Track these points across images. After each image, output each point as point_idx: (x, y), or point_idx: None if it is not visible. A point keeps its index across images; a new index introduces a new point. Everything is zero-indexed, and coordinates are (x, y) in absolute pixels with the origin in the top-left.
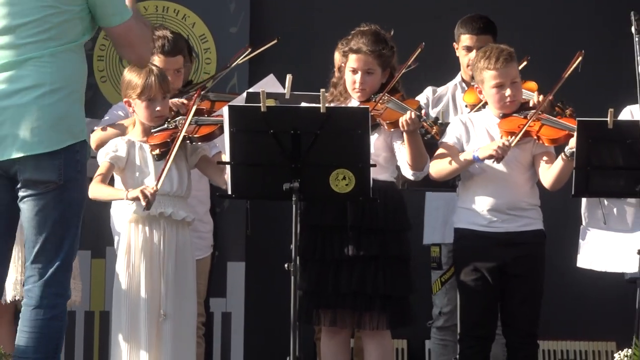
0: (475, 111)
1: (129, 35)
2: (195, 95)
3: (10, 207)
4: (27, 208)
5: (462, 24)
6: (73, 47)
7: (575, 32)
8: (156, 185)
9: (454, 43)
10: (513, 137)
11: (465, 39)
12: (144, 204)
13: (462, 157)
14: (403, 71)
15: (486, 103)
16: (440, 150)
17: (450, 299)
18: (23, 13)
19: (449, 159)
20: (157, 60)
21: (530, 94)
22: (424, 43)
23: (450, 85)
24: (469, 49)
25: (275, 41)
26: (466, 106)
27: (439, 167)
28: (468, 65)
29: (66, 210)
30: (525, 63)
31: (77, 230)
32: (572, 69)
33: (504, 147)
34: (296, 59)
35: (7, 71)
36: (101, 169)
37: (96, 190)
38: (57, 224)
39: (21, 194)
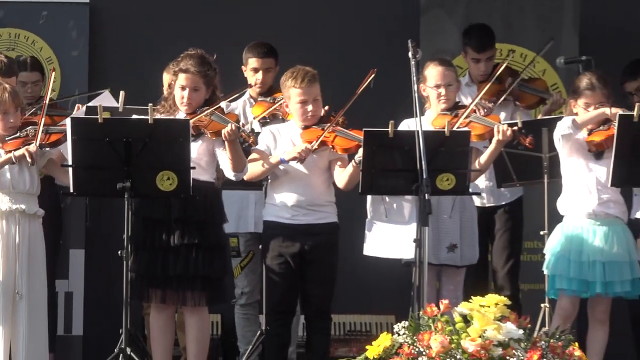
0: (267, 121)
1: None
2: (42, 110)
3: None
4: None
5: (248, 49)
6: None
7: (368, 53)
8: (35, 151)
9: (242, 66)
10: (313, 143)
11: (252, 62)
12: (29, 160)
13: (272, 159)
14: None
15: (274, 114)
16: (253, 155)
17: (249, 281)
18: None
19: (261, 162)
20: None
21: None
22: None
23: (240, 101)
24: (256, 70)
25: (106, 90)
26: (254, 118)
27: (252, 169)
28: (255, 83)
29: None
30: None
31: None
32: (364, 85)
33: (306, 150)
34: (128, 78)
35: None
36: None
37: None
38: None
39: None
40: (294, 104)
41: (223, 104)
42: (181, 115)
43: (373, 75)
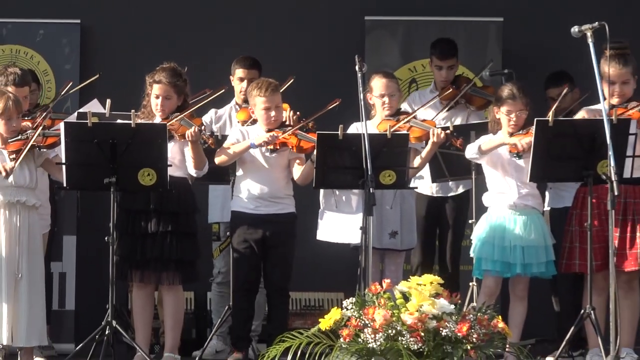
0: (248, 125)
1: None
2: (39, 116)
3: None
4: None
5: (237, 62)
6: None
7: (323, 67)
8: (11, 168)
9: (230, 76)
10: (280, 132)
11: (239, 72)
12: (4, 174)
13: (243, 144)
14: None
15: (255, 120)
16: (225, 144)
17: (226, 262)
18: None
19: (231, 149)
20: (11, 89)
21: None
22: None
23: (227, 107)
24: (242, 80)
25: (96, 76)
26: (238, 122)
27: (222, 155)
28: (241, 91)
29: None
30: (291, 81)
31: None
32: (329, 108)
33: (272, 137)
34: (114, 87)
35: None
36: None
37: None
38: None
39: None
40: (259, 110)
41: (212, 111)
42: (158, 120)
43: (337, 103)
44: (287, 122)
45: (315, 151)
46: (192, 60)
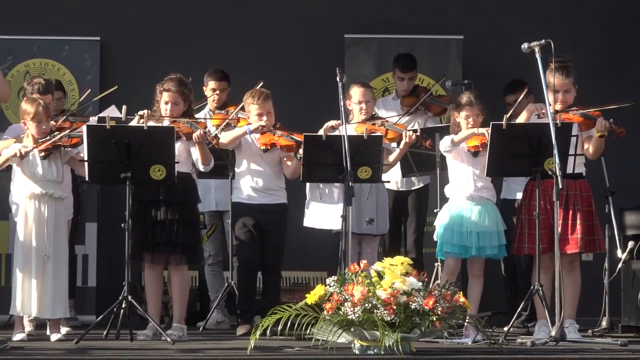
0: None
1: None
2: (59, 118)
3: None
4: None
5: (208, 74)
6: None
7: (307, 78)
8: (26, 152)
9: (203, 87)
10: (277, 131)
11: (211, 84)
12: (19, 154)
13: (240, 129)
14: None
15: (227, 124)
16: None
17: (214, 246)
18: None
19: (231, 133)
20: (36, 96)
21: None
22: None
23: (201, 113)
24: (213, 90)
25: (115, 87)
26: (213, 126)
27: (227, 137)
28: (213, 100)
29: None
30: (261, 83)
31: None
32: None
33: (266, 125)
34: (129, 95)
35: None
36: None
37: None
38: None
39: None
40: (253, 116)
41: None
42: (166, 123)
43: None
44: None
45: (300, 149)
46: (195, 72)
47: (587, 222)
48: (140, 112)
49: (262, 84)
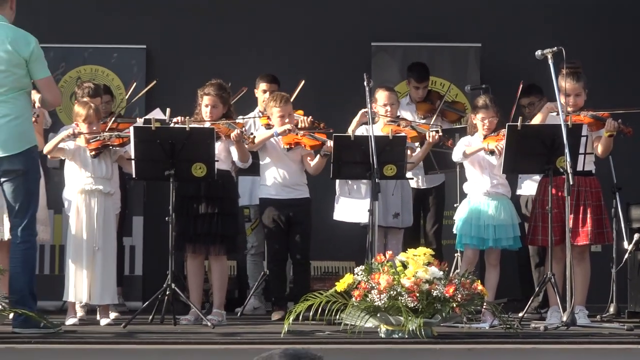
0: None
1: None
2: (109, 120)
3: None
4: (6, 187)
5: (260, 77)
6: (23, 92)
7: (338, 82)
8: (79, 132)
9: (255, 89)
10: (299, 131)
11: (263, 86)
12: (72, 133)
13: (268, 131)
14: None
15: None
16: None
17: (257, 238)
18: None
19: (257, 137)
20: (86, 100)
21: (297, 116)
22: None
23: (252, 114)
24: (264, 92)
25: (154, 82)
26: (262, 125)
27: (256, 140)
28: (263, 101)
29: (29, 187)
30: (302, 83)
31: (36, 197)
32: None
33: (291, 128)
34: (172, 98)
35: None
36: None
37: (48, 144)
38: (25, 196)
39: (2, 179)
40: (275, 117)
41: (239, 118)
42: (207, 124)
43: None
44: (302, 125)
45: (323, 147)
46: (234, 77)
47: (596, 216)
48: (177, 118)
49: (303, 82)
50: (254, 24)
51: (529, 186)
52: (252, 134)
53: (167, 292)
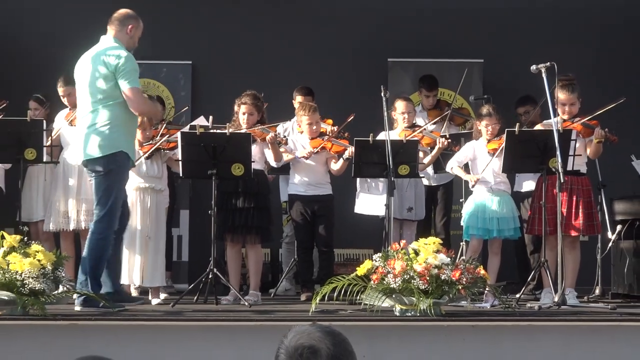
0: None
1: (132, 96)
2: (160, 127)
3: None
4: (92, 184)
5: (297, 90)
6: (117, 103)
7: (358, 94)
8: (142, 156)
9: (292, 100)
10: (314, 149)
11: (299, 98)
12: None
13: (290, 155)
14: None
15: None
16: (286, 151)
17: (292, 228)
18: (91, 91)
19: (287, 155)
20: None
21: (326, 125)
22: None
23: (290, 122)
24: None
25: (185, 108)
26: (298, 131)
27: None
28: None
29: (108, 186)
30: (352, 117)
31: (115, 196)
32: (348, 121)
33: (309, 153)
34: (214, 107)
35: (87, 114)
36: None
37: None
38: (103, 192)
39: (89, 177)
40: (304, 125)
41: (280, 125)
42: (244, 130)
43: (352, 117)
44: (329, 132)
45: (346, 151)
46: (267, 88)
47: (587, 210)
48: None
49: (353, 117)
50: (285, 45)
51: (529, 186)
52: (284, 136)
53: (210, 276)
